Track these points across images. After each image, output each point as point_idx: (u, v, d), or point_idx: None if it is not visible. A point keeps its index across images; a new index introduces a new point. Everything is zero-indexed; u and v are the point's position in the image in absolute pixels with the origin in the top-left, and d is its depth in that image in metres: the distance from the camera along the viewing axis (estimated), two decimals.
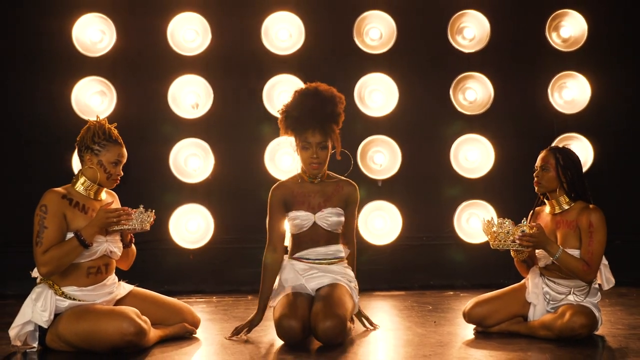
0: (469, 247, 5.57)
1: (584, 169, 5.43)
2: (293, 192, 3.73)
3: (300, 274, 3.70)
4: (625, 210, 5.71)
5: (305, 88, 3.72)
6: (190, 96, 5.57)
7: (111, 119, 5.39)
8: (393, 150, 5.58)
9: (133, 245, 3.63)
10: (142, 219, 3.42)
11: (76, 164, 5.36)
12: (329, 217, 3.69)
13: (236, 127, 5.66)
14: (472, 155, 5.63)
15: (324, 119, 3.62)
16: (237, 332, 3.66)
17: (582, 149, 5.60)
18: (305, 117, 3.61)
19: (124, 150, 3.53)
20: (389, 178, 5.59)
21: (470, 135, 5.63)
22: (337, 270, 3.72)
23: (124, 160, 3.53)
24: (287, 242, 3.86)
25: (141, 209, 3.43)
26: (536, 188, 3.71)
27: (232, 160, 5.61)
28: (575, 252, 3.54)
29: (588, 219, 3.55)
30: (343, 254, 3.79)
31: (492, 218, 3.53)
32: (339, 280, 3.68)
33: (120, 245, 3.52)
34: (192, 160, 5.54)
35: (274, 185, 3.80)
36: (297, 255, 3.75)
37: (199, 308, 4.69)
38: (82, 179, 3.47)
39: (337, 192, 3.75)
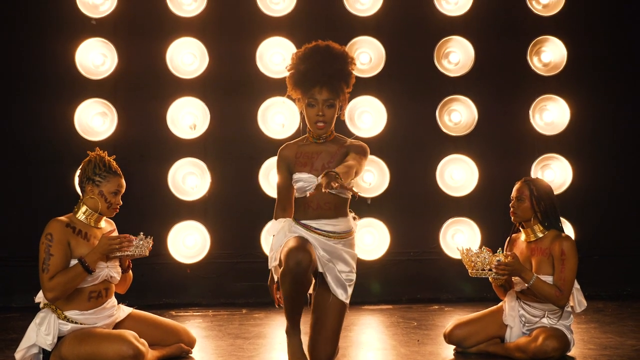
0: (454, 262, 5.75)
1: (564, 189, 5.75)
2: (296, 153, 3.57)
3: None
4: (602, 227, 5.95)
5: (315, 44, 3.53)
6: (188, 117, 5.77)
7: (112, 139, 5.72)
8: (382, 169, 5.79)
9: (130, 271, 3.86)
10: (141, 245, 3.65)
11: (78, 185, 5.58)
12: None
13: (232, 147, 5.87)
14: (457, 175, 5.84)
15: (333, 75, 3.45)
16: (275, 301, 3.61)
17: (562, 169, 5.83)
18: (313, 72, 3.44)
19: (123, 181, 3.74)
20: (377, 196, 5.79)
21: (455, 156, 5.84)
22: (344, 256, 3.55)
23: (123, 190, 3.73)
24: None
25: (141, 235, 3.66)
26: (512, 218, 3.93)
27: (228, 178, 5.81)
28: (549, 278, 3.77)
29: (560, 248, 3.77)
30: (352, 227, 3.63)
31: (470, 248, 3.75)
32: (342, 290, 3.54)
33: (119, 270, 3.73)
34: (190, 179, 5.75)
35: (281, 147, 3.66)
36: (303, 221, 3.55)
37: (195, 323, 4.93)
38: (83, 208, 3.67)
39: (340, 149, 3.53)
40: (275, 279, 3.58)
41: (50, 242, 3.54)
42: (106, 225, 3.79)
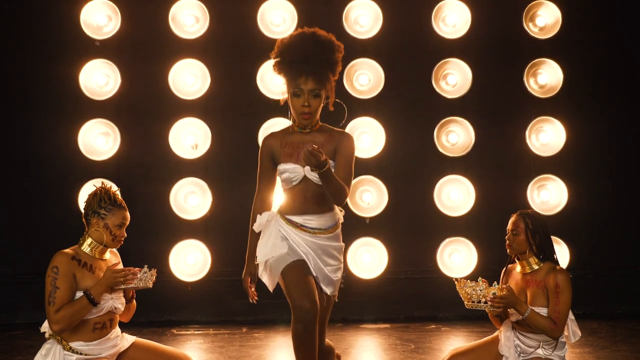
0: (451, 281, 5.82)
1: (559, 209, 5.84)
2: (281, 142, 3.52)
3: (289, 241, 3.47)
4: (596, 246, 6.05)
5: (301, 31, 3.46)
6: (190, 137, 5.87)
7: (115, 158, 5.81)
8: (380, 189, 5.89)
9: (134, 300, 3.94)
10: (145, 277, 3.73)
11: (82, 202, 5.66)
12: None
13: (233, 167, 5.95)
14: (454, 195, 5.93)
15: (319, 65, 3.39)
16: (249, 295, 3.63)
17: (558, 189, 5.92)
18: (299, 63, 3.38)
19: (127, 214, 3.80)
20: (376, 216, 5.88)
21: (453, 176, 5.93)
22: (330, 251, 3.51)
23: (127, 223, 3.80)
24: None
25: (145, 268, 3.74)
26: (508, 250, 3.99)
27: (229, 198, 5.90)
28: (544, 310, 3.83)
29: (555, 281, 3.84)
30: (338, 219, 3.58)
31: (466, 279, 3.83)
32: (332, 287, 3.51)
33: (124, 301, 3.80)
34: (191, 198, 5.84)
35: (265, 136, 3.62)
36: (288, 216, 3.52)
37: (196, 344, 5.03)
38: (88, 241, 3.75)
39: (328, 142, 3.48)
40: (258, 271, 3.57)
41: (57, 275, 3.61)
42: (111, 256, 3.86)
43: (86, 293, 3.59)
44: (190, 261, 5.81)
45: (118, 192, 3.84)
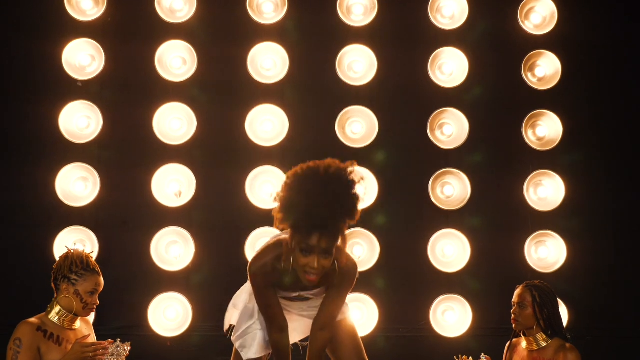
0: (444, 340, 5.62)
1: (558, 267, 5.63)
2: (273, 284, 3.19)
3: None
4: (595, 306, 5.81)
5: (314, 175, 2.79)
6: (173, 184, 5.63)
7: (94, 205, 5.55)
8: (372, 242, 5.65)
9: None
10: (118, 352, 3.48)
11: (57, 251, 5.42)
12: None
13: (218, 216, 5.73)
14: (449, 250, 5.70)
15: (338, 219, 2.80)
16: None
17: (556, 246, 5.70)
18: (313, 218, 2.75)
19: (101, 279, 3.58)
20: (367, 270, 5.62)
21: (447, 230, 5.70)
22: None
23: (101, 289, 3.58)
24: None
25: (118, 342, 3.49)
26: (514, 325, 3.77)
27: (212, 248, 5.65)
28: None
29: None
30: None
31: (468, 357, 3.61)
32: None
33: None
34: (173, 248, 5.59)
35: (255, 269, 3.16)
36: (281, 292, 3.29)
37: None
38: (57, 309, 3.50)
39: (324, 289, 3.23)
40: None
41: (19, 349, 3.38)
42: (81, 324, 3.62)
43: None
44: (170, 315, 5.54)
45: (92, 255, 3.62)
